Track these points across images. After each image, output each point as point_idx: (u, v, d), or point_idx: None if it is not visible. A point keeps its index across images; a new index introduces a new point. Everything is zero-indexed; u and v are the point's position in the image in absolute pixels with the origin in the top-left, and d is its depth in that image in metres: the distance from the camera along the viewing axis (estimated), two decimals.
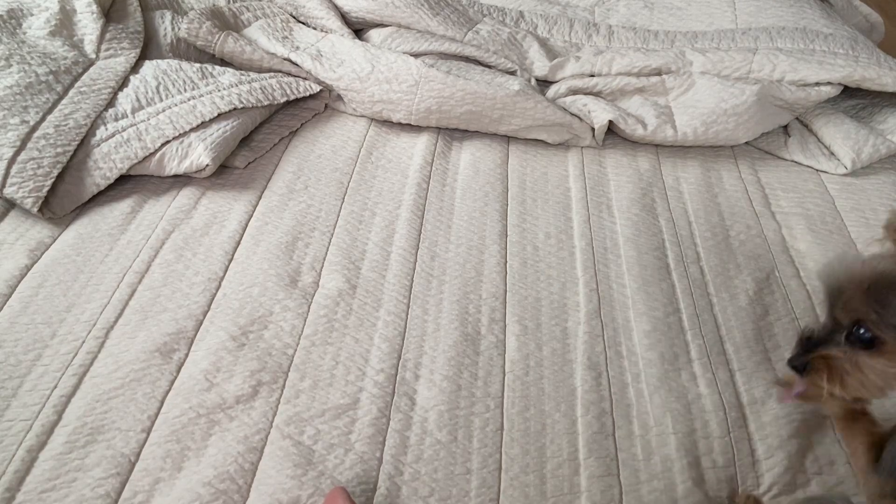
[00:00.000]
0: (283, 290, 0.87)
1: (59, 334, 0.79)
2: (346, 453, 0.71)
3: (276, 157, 1.11)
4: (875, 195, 1.11)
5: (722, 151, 1.20)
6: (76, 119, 1.00)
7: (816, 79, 1.19)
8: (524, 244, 0.99)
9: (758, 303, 0.92)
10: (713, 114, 1.15)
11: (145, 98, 1.06)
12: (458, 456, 0.72)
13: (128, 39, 1.17)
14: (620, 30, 1.44)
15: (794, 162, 1.19)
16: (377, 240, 0.97)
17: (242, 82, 1.13)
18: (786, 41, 1.31)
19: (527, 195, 1.08)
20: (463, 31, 1.34)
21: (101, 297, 0.84)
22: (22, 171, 0.91)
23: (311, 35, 1.29)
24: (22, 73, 1.02)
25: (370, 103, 1.17)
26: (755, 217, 1.06)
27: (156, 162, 1.00)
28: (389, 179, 1.08)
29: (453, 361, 0.81)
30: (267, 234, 0.96)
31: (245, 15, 1.34)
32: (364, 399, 0.76)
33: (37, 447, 0.69)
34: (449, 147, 1.17)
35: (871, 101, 1.27)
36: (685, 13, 1.50)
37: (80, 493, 0.66)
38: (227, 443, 0.71)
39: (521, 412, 0.77)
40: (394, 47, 1.25)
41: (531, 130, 1.17)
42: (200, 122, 1.03)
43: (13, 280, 0.85)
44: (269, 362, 0.79)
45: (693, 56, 1.26)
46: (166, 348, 0.79)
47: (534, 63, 1.31)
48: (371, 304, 0.87)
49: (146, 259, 0.90)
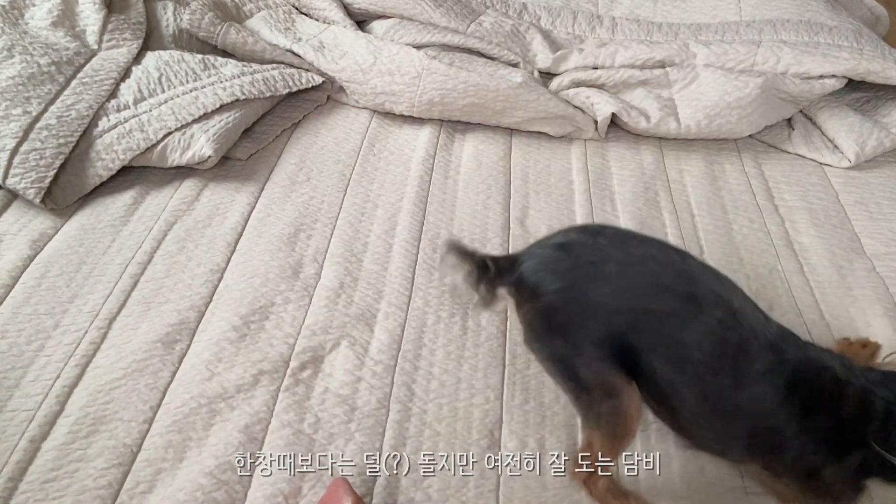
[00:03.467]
0: (284, 281, 0.87)
1: (62, 325, 0.80)
2: (347, 443, 0.72)
3: (279, 149, 1.11)
4: (879, 188, 1.10)
5: (725, 144, 1.20)
6: (78, 110, 1.00)
7: (821, 71, 1.18)
8: (527, 237, 0.98)
9: (761, 297, 0.91)
10: (717, 106, 1.15)
11: (147, 89, 1.06)
12: (456, 447, 0.72)
13: (130, 30, 1.17)
14: (624, 22, 1.43)
15: (797, 155, 1.18)
16: (379, 232, 0.97)
17: (245, 73, 1.12)
18: (790, 34, 1.30)
19: (529, 188, 1.08)
20: (466, 22, 1.34)
21: (104, 287, 0.84)
22: (24, 162, 0.91)
23: (313, 26, 1.29)
24: (24, 63, 1.02)
25: (372, 95, 1.17)
26: (758, 210, 1.06)
27: (158, 153, 1.00)
28: (392, 171, 1.08)
29: (453, 354, 0.81)
30: (269, 226, 0.96)
31: (247, 6, 1.33)
32: (363, 389, 0.77)
33: (39, 437, 0.69)
34: (451, 139, 1.16)
35: (876, 94, 1.27)
36: (689, 5, 1.49)
37: (82, 484, 0.66)
38: (228, 432, 0.71)
39: (520, 405, 0.77)
40: (396, 39, 1.25)
41: (534, 123, 1.17)
42: (203, 114, 1.03)
43: (16, 271, 0.85)
44: (270, 353, 0.79)
45: (697, 48, 1.25)
46: (168, 339, 0.79)
47: (537, 55, 1.31)
48: (372, 296, 0.87)
49: (149, 250, 0.90)
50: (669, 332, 0.61)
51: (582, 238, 0.68)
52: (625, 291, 0.63)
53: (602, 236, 0.67)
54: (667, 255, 0.66)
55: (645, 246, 0.67)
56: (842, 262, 0.97)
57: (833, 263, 0.97)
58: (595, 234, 0.68)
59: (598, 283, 0.63)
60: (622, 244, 0.66)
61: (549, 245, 0.67)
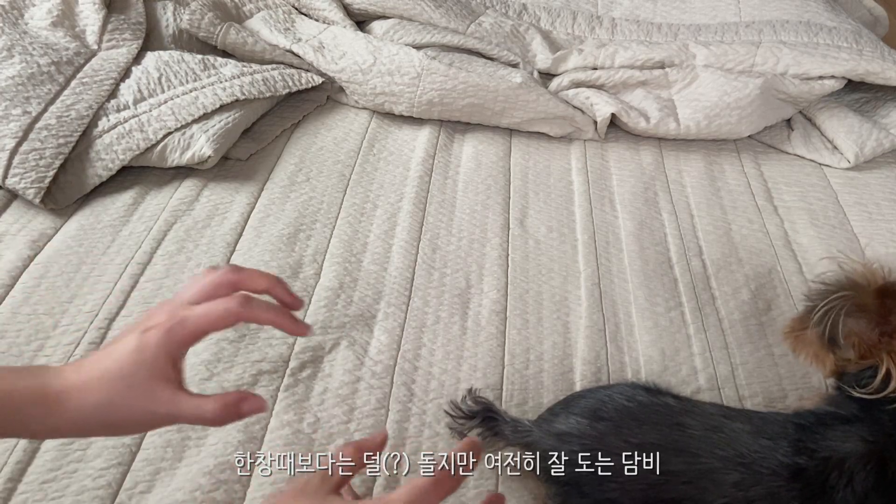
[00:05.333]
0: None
1: (62, 325, 0.79)
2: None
3: (278, 149, 1.11)
4: (878, 189, 1.11)
5: (725, 145, 1.20)
6: (78, 110, 1.00)
7: (820, 72, 1.18)
8: (526, 237, 0.99)
9: (760, 298, 0.92)
10: (716, 107, 1.15)
11: (147, 89, 1.06)
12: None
13: (130, 30, 1.17)
14: (624, 22, 1.43)
15: (796, 156, 1.19)
16: (379, 232, 0.97)
17: (244, 74, 1.13)
18: (790, 34, 1.30)
19: (529, 188, 1.08)
20: (465, 23, 1.34)
21: (104, 288, 0.84)
22: (24, 162, 0.91)
23: (313, 27, 1.29)
24: (24, 63, 1.02)
25: (372, 95, 1.17)
26: (757, 211, 1.06)
27: (158, 153, 1.00)
28: (391, 172, 1.08)
29: (453, 354, 0.81)
30: (269, 226, 0.96)
31: (247, 6, 1.33)
32: (362, 390, 0.77)
33: None
34: (451, 140, 1.16)
35: (875, 95, 1.27)
36: (689, 6, 1.49)
37: (81, 484, 0.66)
38: (227, 432, 0.71)
39: (519, 405, 0.77)
40: (396, 39, 1.25)
41: (533, 123, 1.17)
42: (202, 114, 1.03)
43: (16, 271, 0.85)
44: (269, 353, 0.79)
45: (696, 49, 1.26)
46: None
47: (536, 55, 1.31)
48: (372, 296, 0.87)
49: (148, 250, 0.90)
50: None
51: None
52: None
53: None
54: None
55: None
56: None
57: (832, 264, 0.96)
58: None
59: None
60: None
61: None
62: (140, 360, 0.43)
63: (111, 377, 0.42)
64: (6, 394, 0.41)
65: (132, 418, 0.43)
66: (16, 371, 0.44)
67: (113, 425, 0.43)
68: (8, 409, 0.41)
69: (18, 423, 0.42)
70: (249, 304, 0.46)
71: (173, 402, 0.43)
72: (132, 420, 0.43)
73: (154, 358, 0.43)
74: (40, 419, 0.42)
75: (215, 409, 0.43)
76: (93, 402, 0.42)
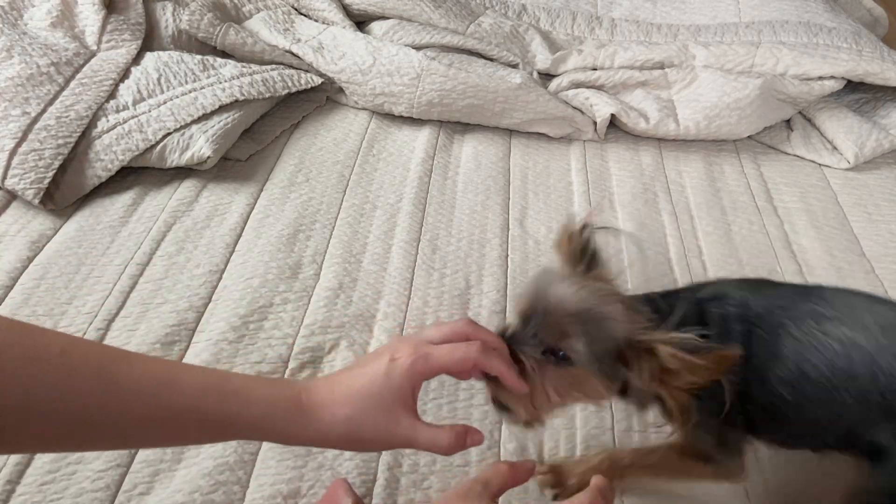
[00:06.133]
0: (283, 282, 0.87)
1: (61, 326, 0.79)
2: None
3: (278, 150, 1.11)
4: (878, 190, 1.11)
5: (724, 145, 1.20)
6: (77, 111, 1.00)
7: (820, 73, 1.18)
8: (526, 238, 0.98)
9: None
10: (716, 107, 1.15)
11: (146, 90, 1.06)
12: None
13: (129, 31, 1.17)
14: (623, 23, 1.43)
15: (796, 156, 1.19)
16: (378, 233, 0.97)
17: (244, 74, 1.12)
18: (789, 35, 1.30)
19: (528, 189, 1.08)
20: (465, 23, 1.34)
21: (103, 288, 0.84)
22: (23, 163, 0.91)
23: (312, 27, 1.29)
24: (23, 64, 1.02)
25: (372, 96, 1.17)
26: (757, 212, 1.06)
27: (157, 154, 1.00)
28: (391, 172, 1.08)
29: None
30: (268, 227, 0.96)
31: (246, 7, 1.33)
32: None
33: None
34: (451, 140, 1.16)
35: (875, 96, 1.27)
36: (688, 6, 1.49)
37: (79, 486, 0.66)
38: None
39: None
40: (395, 40, 1.25)
41: (533, 124, 1.17)
42: (202, 114, 1.03)
43: (15, 272, 0.85)
44: (269, 353, 0.79)
45: (696, 49, 1.26)
46: (167, 339, 0.79)
47: (536, 56, 1.31)
48: (371, 297, 0.87)
49: (147, 251, 0.90)
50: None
51: None
52: None
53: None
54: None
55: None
56: (841, 263, 0.97)
57: (832, 265, 0.97)
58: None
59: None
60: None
61: None
62: (389, 384, 0.48)
63: (363, 395, 0.48)
64: (272, 401, 0.47)
65: (375, 435, 0.48)
66: (272, 382, 0.51)
67: (356, 440, 0.49)
68: (273, 415, 0.47)
69: (278, 428, 0.47)
70: (487, 353, 0.51)
71: (412, 428, 0.49)
72: (375, 437, 0.49)
73: (400, 385, 0.48)
74: (298, 426, 0.47)
75: (450, 441, 0.49)
76: (344, 416, 0.47)
